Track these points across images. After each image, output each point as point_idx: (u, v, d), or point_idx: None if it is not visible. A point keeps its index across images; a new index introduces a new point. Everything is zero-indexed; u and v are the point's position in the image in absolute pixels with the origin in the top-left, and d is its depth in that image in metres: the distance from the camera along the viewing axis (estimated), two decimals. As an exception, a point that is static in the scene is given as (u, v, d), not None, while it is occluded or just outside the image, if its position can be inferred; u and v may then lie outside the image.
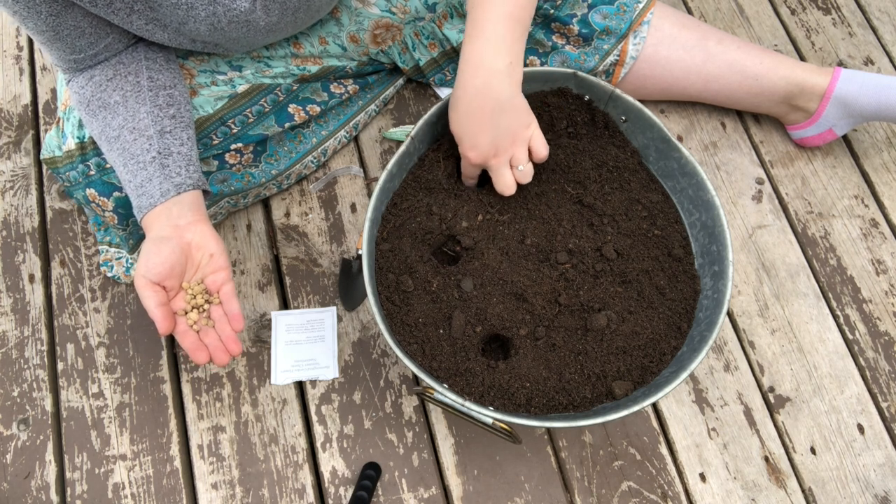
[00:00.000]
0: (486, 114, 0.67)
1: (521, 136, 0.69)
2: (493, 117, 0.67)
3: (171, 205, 0.70)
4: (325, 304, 0.94)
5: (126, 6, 0.68)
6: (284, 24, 0.79)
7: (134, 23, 0.70)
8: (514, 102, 0.68)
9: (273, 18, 0.75)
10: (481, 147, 0.69)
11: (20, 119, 1.05)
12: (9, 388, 0.89)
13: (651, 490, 0.86)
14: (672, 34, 0.94)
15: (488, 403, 0.67)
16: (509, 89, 0.67)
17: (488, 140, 0.68)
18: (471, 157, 0.70)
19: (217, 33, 0.73)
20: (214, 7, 0.69)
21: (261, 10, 0.73)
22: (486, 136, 0.68)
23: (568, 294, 0.72)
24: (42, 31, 0.69)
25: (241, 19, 0.72)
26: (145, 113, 0.72)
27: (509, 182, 0.71)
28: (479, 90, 0.66)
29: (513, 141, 0.69)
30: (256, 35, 0.78)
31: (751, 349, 0.94)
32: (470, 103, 0.67)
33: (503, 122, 0.68)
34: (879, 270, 0.99)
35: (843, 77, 0.94)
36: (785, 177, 1.04)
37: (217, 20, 0.70)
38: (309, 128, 0.96)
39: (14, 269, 0.95)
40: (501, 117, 0.67)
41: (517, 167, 0.70)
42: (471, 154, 0.70)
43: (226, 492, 0.85)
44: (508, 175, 0.71)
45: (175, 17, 0.70)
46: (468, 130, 0.69)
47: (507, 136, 0.69)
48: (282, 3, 0.74)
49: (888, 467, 0.88)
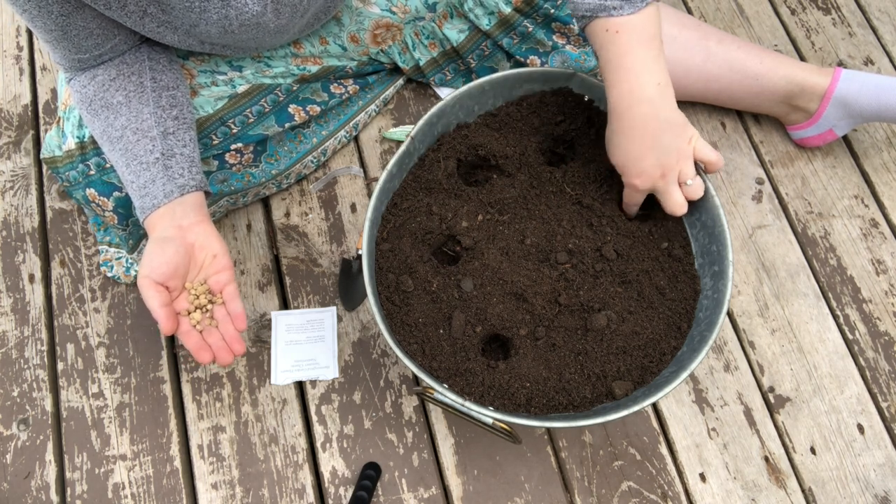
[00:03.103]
0: (647, 137, 0.66)
1: (685, 151, 0.67)
2: (654, 139, 0.66)
3: (175, 206, 0.70)
4: (325, 304, 0.94)
5: (139, 9, 0.68)
6: (294, 27, 0.79)
7: (146, 25, 0.70)
8: (672, 119, 0.66)
9: (283, 21, 0.75)
10: (648, 171, 0.67)
11: (20, 119, 1.05)
12: (9, 388, 0.89)
13: (651, 490, 0.86)
14: (672, 34, 0.94)
15: (488, 403, 0.67)
16: (665, 108, 0.66)
17: (653, 162, 0.67)
18: (637, 183, 0.69)
19: (227, 35, 0.73)
20: (227, 10, 0.69)
21: (271, 13, 0.73)
22: (651, 158, 0.67)
23: (568, 294, 0.72)
24: (50, 31, 0.69)
25: (252, 22, 0.72)
26: (148, 114, 0.73)
27: (680, 201, 0.69)
28: (636, 118, 0.66)
29: (678, 157, 0.67)
30: (265, 37, 0.78)
31: (751, 349, 0.94)
32: (629, 132, 0.66)
33: (665, 140, 0.66)
34: (879, 270, 0.99)
35: (844, 77, 0.94)
36: (785, 177, 1.04)
37: (228, 23, 0.70)
38: (309, 128, 0.96)
39: (14, 269, 0.95)
40: (663, 137, 0.66)
41: (686, 182, 0.68)
42: (637, 181, 0.68)
43: (226, 492, 0.85)
44: (678, 193, 0.69)
45: (187, 20, 0.70)
46: (631, 157, 0.68)
47: (671, 154, 0.67)
48: (292, 7, 0.74)
49: (888, 467, 0.88)
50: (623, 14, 0.64)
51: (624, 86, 0.65)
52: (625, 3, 0.64)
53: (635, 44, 0.65)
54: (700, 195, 0.70)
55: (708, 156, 0.68)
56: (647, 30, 0.65)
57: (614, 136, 0.68)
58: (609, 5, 0.64)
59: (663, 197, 0.69)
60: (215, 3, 0.68)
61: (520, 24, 0.92)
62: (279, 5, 0.72)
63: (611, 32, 0.65)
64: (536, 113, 0.78)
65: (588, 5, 0.65)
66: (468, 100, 0.75)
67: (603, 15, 0.65)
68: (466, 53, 0.96)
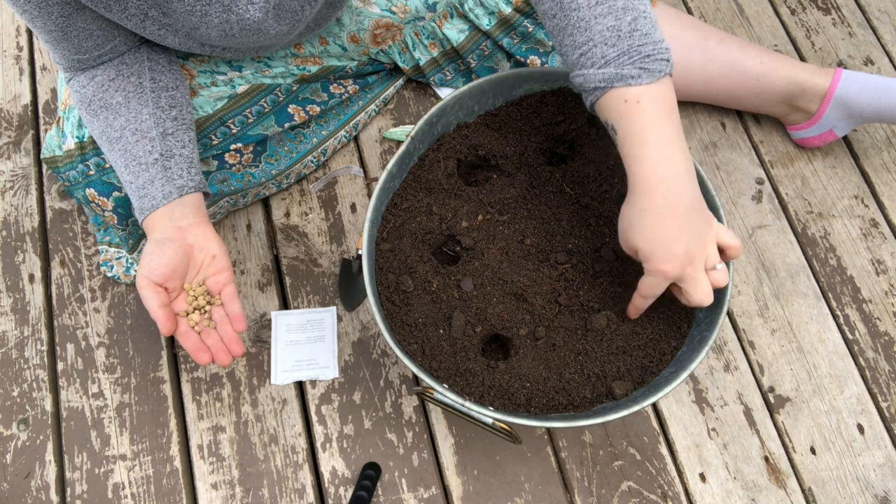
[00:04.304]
0: (679, 220, 0.60)
1: (709, 235, 0.62)
2: (687, 220, 0.60)
3: (173, 207, 0.70)
4: (325, 304, 0.94)
5: (140, 12, 0.68)
6: (295, 32, 0.79)
7: (147, 28, 0.70)
8: (699, 199, 0.61)
9: (284, 28, 0.75)
10: (678, 257, 0.60)
11: (20, 119, 1.05)
12: (9, 388, 0.89)
13: (651, 490, 0.86)
14: (672, 34, 0.94)
15: (488, 403, 0.67)
16: (692, 186, 0.60)
17: (683, 248, 0.60)
18: (668, 269, 0.61)
19: (228, 39, 0.73)
20: (228, 15, 0.69)
21: (273, 20, 0.73)
22: (682, 244, 0.60)
23: (568, 294, 0.72)
24: (50, 31, 0.68)
25: (253, 28, 0.72)
26: (147, 114, 0.72)
27: (708, 290, 0.62)
28: (666, 199, 0.59)
29: (703, 243, 0.62)
30: (266, 41, 0.78)
31: (751, 349, 0.94)
32: (660, 213, 0.59)
33: (696, 222, 0.61)
34: (879, 270, 0.99)
35: (844, 78, 0.94)
36: (785, 177, 1.04)
37: (229, 27, 0.70)
38: (309, 128, 0.96)
39: (14, 269, 0.95)
40: (693, 217, 0.60)
41: (713, 268, 0.63)
42: (667, 267, 0.61)
43: (226, 492, 0.85)
44: (706, 281, 0.62)
45: (188, 23, 0.69)
46: (662, 240, 0.60)
47: (699, 239, 0.61)
48: (294, 14, 0.74)
49: (888, 467, 0.88)
50: (643, 83, 0.59)
51: (652, 161, 0.59)
52: (643, 72, 0.59)
53: (657, 116, 0.59)
54: (726, 282, 0.64)
55: (731, 241, 0.63)
56: (667, 101, 0.60)
57: (641, 217, 0.60)
58: (627, 74, 0.59)
59: (691, 286, 0.62)
60: (217, 8, 0.68)
61: (520, 24, 0.92)
62: (280, 12, 0.72)
63: (630, 104, 0.59)
64: (536, 113, 0.78)
65: (603, 75, 0.60)
66: (468, 100, 0.75)
67: (620, 85, 0.59)
68: (466, 53, 0.96)
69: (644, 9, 0.60)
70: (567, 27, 0.61)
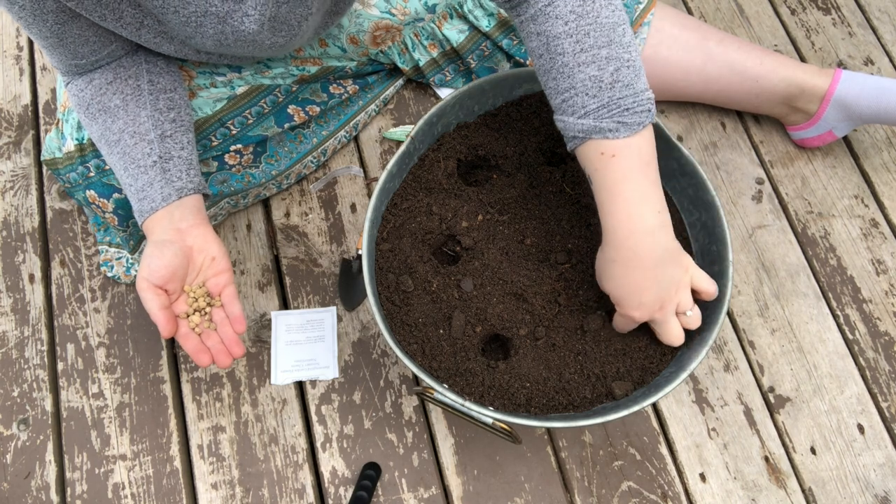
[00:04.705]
0: (647, 271, 0.62)
1: (683, 281, 0.65)
2: (655, 272, 0.62)
3: (173, 209, 0.70)
4: (325, 304, 0.94)
5: (136, 21, 0.68)
6: (291, 45, 0.79)
7: (143, 36, 0.70)
8: (671, 249, 0.63)
9: (280, 40, 0.75)
10: (647, 305, 0.64)
11: (20, 119, 1.05)
12: (9, 388, 0.89)
13: (651, 490, 0.86)
14: (672, 35, 0.94)
15: (488, 403, 0.67)
16: (664, 240, 0.62)
17: (652, 297, 0.63)
18: (636, 315, 0.65)
19: (223, 48, 0.73)
20: (223, 27, 0.69)
21: (268, 32, 0.72)
22: (651, 292, 0.63)
23: (567, 294, 0.72)
24: (46, 38, 0.68)
25: (248, 39, 0.72)
26: (146, 117, 0.72)
27: (678, 333, 0.66)
28: (635, 251, 0.61)
29: (676, 289, 0.64)
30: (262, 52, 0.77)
31: (751, 349, 0.94)
32: (627, 265, 0.62)
33: (666, 273, 0.63)
34: (879, 270, 0.99)
35: (844, 79, 0.94)
36: (785, 177, 1.04)
37: (224, 38, 0.70)
38: (309, 128, 0.96)
39: (14, 269, 0.95)
40: (664, 269, 0.63)
41: (685, 313, 0.66)
42: (636, 313, 0.65)
43: (226, 492, 0.85)
44: (676, 325, 0.66)
45: (183, 33, 0.69)
46: (630, 290, 0.64)
47: (670, 287, 0.64)
48: (290, 28, 0.74)
49: (888, 467, 0.88)
50: (620, 137, 0.59)
51: (622, 215, 0.61)
52: (621, 126, 0.59)
53: (632, 170, 0.60)
54: (698, 325, 0.67)
55: (705, 286, 0.66)
56: (643, 154, 0.60)
57: (611, 266, 0.64)
58: (605, 127, 0.59)
59: (661, 328, 0.66)
60: (212, 20, 0.68)
61: (520, 24, 0.92)
62: (276, 24, 0.72)
63: (606, 156, 0.60)
64: (536, 113, 0.78)
65: (581, 126, 0.60)
66: (468, 100, 0.75)
67: (598, 137, 0.60)
68: (466, 54, 0.96)
69: (628, 57, 0.60)
70: (552, 70, 0.62)
